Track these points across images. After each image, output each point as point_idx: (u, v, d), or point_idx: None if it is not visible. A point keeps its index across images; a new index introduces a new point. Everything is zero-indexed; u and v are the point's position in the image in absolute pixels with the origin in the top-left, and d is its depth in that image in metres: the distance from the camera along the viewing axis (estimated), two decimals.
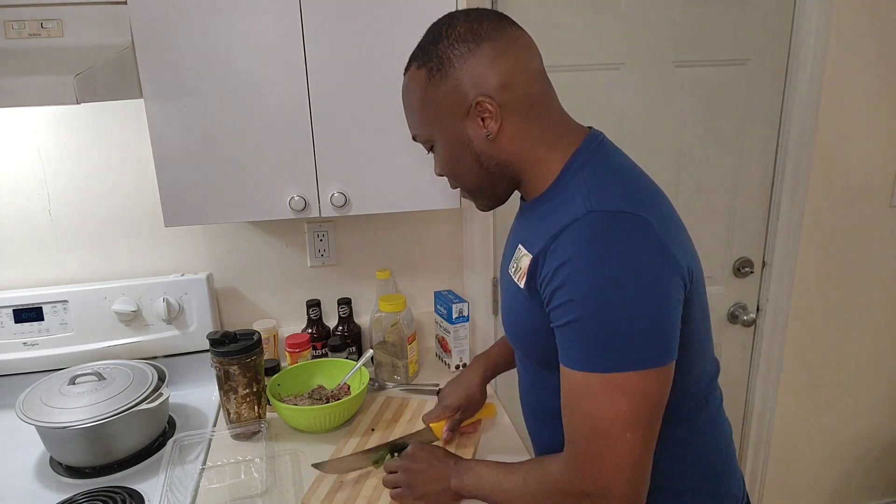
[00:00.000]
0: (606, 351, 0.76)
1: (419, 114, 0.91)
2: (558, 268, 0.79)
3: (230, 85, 1.20)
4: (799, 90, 1.74)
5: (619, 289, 0.76)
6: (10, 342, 1.44)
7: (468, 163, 0.90)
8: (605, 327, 0.76)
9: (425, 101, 0.89)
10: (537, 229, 0.87)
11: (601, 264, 0.76)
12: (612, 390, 0.77)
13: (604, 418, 0.77)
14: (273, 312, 1.67)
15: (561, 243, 0.80)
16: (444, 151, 0.92)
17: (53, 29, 1.15)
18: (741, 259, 1.90)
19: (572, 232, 0.79)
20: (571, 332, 0.79)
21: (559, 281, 0.79)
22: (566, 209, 0.82)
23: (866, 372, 2.09)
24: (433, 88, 0.87)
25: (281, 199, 1.28)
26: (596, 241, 0.78)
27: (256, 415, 1.32)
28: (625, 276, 0.76)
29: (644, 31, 1.64)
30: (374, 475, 1.17)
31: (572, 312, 0.78)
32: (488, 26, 0.85)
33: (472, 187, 0.94)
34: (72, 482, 1.20)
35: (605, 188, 0.82)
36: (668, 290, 0.78)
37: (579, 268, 0.77)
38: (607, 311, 0.76)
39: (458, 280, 1.76)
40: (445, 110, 0.88)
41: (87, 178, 1.49)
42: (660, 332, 0.77)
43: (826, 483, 2.21)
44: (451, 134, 0.89)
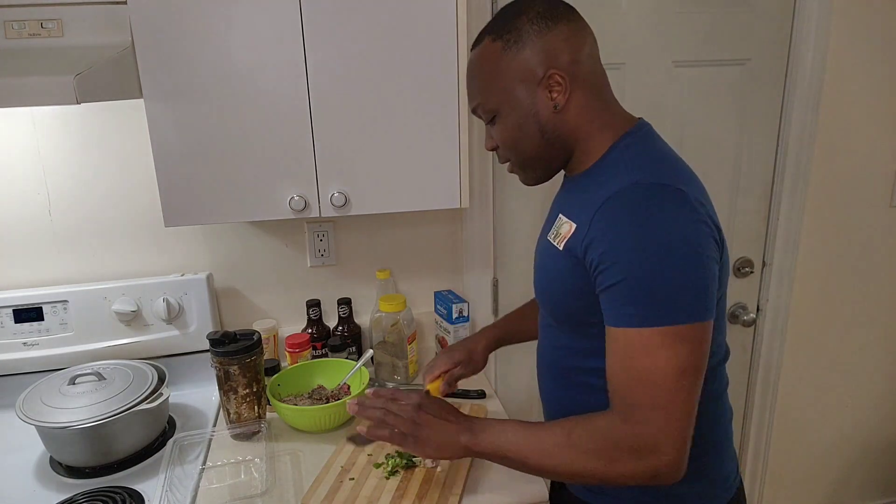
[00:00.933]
0: (657, 306, 0.81)
1: (488, 84, 0.95)
2: (604, 233, 0.84)
3: (230, 85, 1.20)
4: (799, 90, 1.74)
5: (661, 249, 0.81)
6: (10, 342, 1.44)
7: (532, 132, 0.95)
8: (654, 284, 0.81)
9: (498, 71, 0.93)
10: (580, 200, 0.93)
11: (646, 228, 0.82)
12: (668, 342, 0.81)
13: (662, 369, 0.81)
14: (273, 312, 1.67)
15: (606, 210, 0.85)
16: (510, 119, 0.95)
17: (53, 29, 1.15)
18: (741, 259, 1.90)
19: (617, 200, 0.84)
20: (621, 292, 0.83)
21: (606, 245, 0.84)
22: (611, 181, 0.88)
23: (866, 372, 2.09)
24: (508, 59, 0.92)
25: (281, 199, 1.28)
26: (640, 207, 0.83)
27: (256, 415, 1.32)
28: (666, 238, 0.81)
29: (644, 31, 1.64)
30: (374, 475, 1.17)
31: (622, 273, 0.82)
32: (563, 9, 0.93)
33: (530, 156, 0.98)
34: (72, 482, 1.20)
35: (648, 165, 0.89)
36: (706, 250, 0.84)
37: (624, 232, 0.83)
38: (653, 270, 0.81)
39: (458, 280, 1.76)
40: (518, 79, 0.93)
41: (87, 177, 1.49)
42: (703, 286, 0.83)
43: (826, 482, 2.21)
44: (519, 103, 0.94)
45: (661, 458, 0.82)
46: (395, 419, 0.98)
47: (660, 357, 0.81)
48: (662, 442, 0.82)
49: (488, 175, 1.66)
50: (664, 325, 0.81)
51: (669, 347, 0.81)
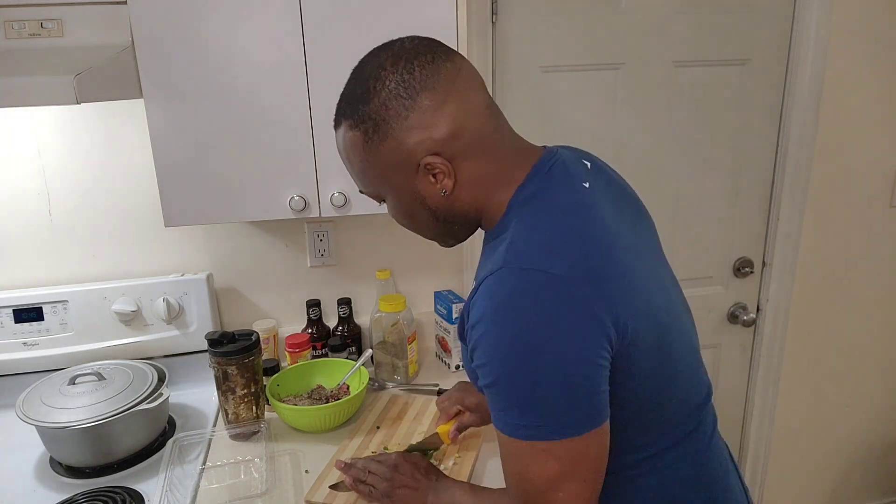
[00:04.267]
0: (524, 418, 0.73)
1: (363, 173, 0.84)
2: (474, 326, 0.75)
3: (230, 85, 1.20)
4: (799, 90, 1.74)
5: (528, 354, 0.71)
6: (10, 342, 1.44)
7: (424, 218, 0.85)
8: (519, 395, 0.73)
9: (367, 161, 0.81)
10: (480, 267, 0.86)
11: (507, 327, 0.72)
12: (537, 456, 0.74)
13: (533, 482, 0.75)
14: (273, 312, 1.67)
15: (478, 299, 0.76)
16: (398, 208, 0.86)
17: (53, 29, 1.15)
18: (741, 259, 1.90)
19: (485, 289, 0.75)
20: (491, 395, 0.76)
21: (474, 341, 0.75)
22: (493, 257, 0.78)
23: (866, 372, 2.09)
24: (373, 150, 0.79)
25: (281, 199, 1.28)
26: (504, 300, 0.73)
27: (254, 415, 1.32)
28: (534, 341, 0.71)
29: (644, 31, 1.64)
30: None
31: (489, 375, 0.74)
32: (420, 73, 0.76)
33: (432, 236, 0.91)
34: (72, 482, 1.20)
35: (527, 236, 0.76)
36: (582, 355, 0.72)
37: (488, 330, 0.73)
38: (516, 379, 0.72)
39: (458, 280, 1.76)
40: (391, 171, 0.80)
41: (88, 177, 1.49)
42: (577, 398, 0.72)
43: (826, 483, 2.20)
44: (401, 192, 0.83)
45: None
46: (373, 479, 1.06)
47: (531, 468, 0.75)
48: None
49: None
50: (536, 441, 0.73)
51: (541, 463, 0.74)
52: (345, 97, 0.82)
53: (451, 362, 1.62)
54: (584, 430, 0.73)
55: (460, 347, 0.92)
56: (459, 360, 1.62)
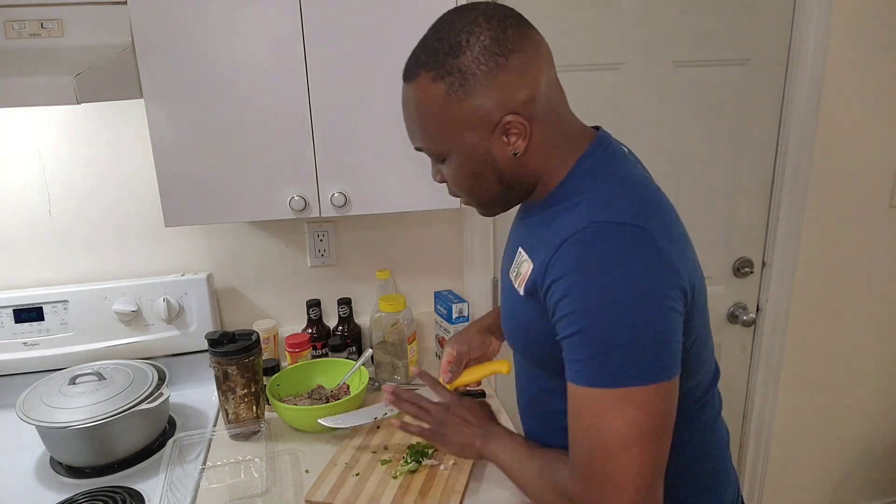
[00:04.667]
0: (608, 365, 0.74)
1: (433, 129, 0.84)
2: (560, 278, 0.77)
3: (230, 84, 1.20)
4: (799, 90, 1.74)
5: (619, 303, 0.74)
6: (10, 342, 1.44)
7: (489, 179, 0.86)
8: (607, 341, 0.74)
9: (443, 117, 0.81)
10: (539, 235, 0.86)
11: (602, 277, 0.74)
12: (616, 406, 0.74)
13: (607, 434, 0.75)
14: (273, 312, 1.67)
15: (563, 254, 0.78)
16: (462, 167, 0.85)
17: (53, 29, 1.15)
18: (741, 259, 1.90)
19: (574, 243, 0.77)
20: (574, 345, 0.77)
21: (562, 292, 0.77)
22: (569, 218, 0.80)
23: (866, 372, 2.09)
24: (454, 104, 0.80)
25: (281, 199, 1.28)
26: (597, 252, 0.76)
27: (255, 415, 1.32)
28: (625, 290, 0.74)
29: (644, 31, 1.64)
30: (378, 472, 1.17)
31: (575, 324, 0.76)
32: (512, 34, 0.79)
33: (486, 200, 0.90)
34: (72, 482, 1.20)
35: (608, 198, 0.80)
36: (668, 303, 0.76)
37: (580, 280, 0.75)
38: (608, 325, 0.74)
39: (458, 280, 1.76)
40: (468, 128, 0.81)
41: (88, 177, 1.49)
42: (661, 346, 0.75)
43: (826, 483, 2.21)
44: (472, 151, 0.83)
45: None
46: (427, 416, 1.06)
47: (607, 419, 0.75)
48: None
49: None
50: (614, 388, 0.74)
51: (619, 411, 0.74)
52: (425, 49, 0.81)
53: None
54: (663, 377, 0.75)
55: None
56: None
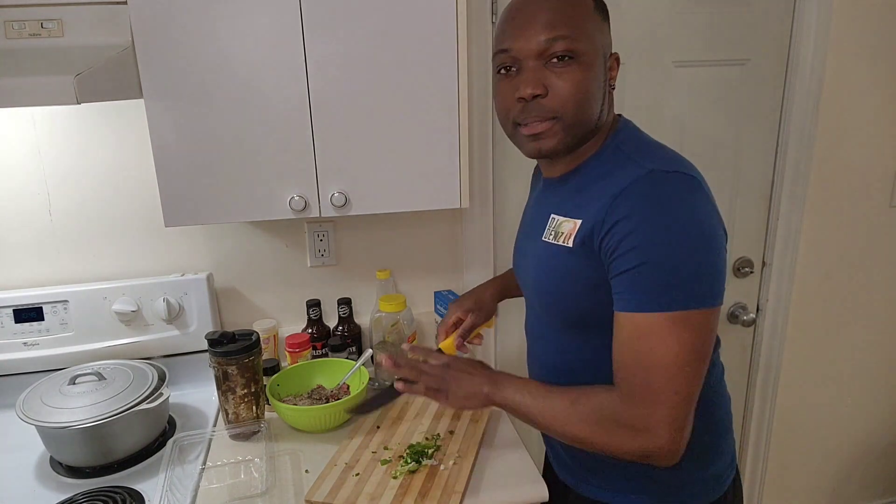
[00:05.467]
0: (671, 291, 0.82)
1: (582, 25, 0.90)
2: (624, 219, 0.85)
3: (230, 84, 1.20)
4: (799, 90, 1.74)
5: (680, 235, 0.83)
6: (10, 342, 1.44)
7: (598, 96, 0.93)
8: (670, 269, 0.82)
9: (590, 22, 0.91)
10: (579, 198, 0.94)
11: (664, 214, 0.83)
12: (676, 327, 0.82)
13: (669, 354, 0.83)
14: (273, 312, 1.67)
15: (625, 198, 0.86)
16: (590, 71, 0.91)
17: (53, 29, 1.15)
18: (741, 259, 1.90)
19: (637, 188, 0.86)
20: (637, 276, 0.84)
21: (625, 231, 0.84)
22: (618, 174, 0.89)
23: (866, 372, 2.09)
24: (598, 21, 0.92)
25: (281, 199, 1.28)
26: (658, 194, 0.85)
27: (255, 415, 1.32)
28: (685, 224, 0.83)
29: (644, 31, 1.64)
30: (377, 472, 1.17)
31: (639, 257, 0.83)
32: None
33: (584, 119, 0.92)
34: (72, 482, 1.20)
35: (655, 155, 0.91)
36: (718, 238, 0.86)
37: (645, 217, 0.84)
38: (672, 254, 0.82)
39: (458, 280, 1.76)
40: (601, 42, 0.93)
41: (88, 177, 1.49)
42: (716, 273, 0.85)
43: (826, 483, 2.21)
44: (600, 62, 0.92)
45: (655, 440, 0.84)
46: (426, 377, 1.06)
47: (666, 341, 0.83)
48: (657, 425, 0.84)
49: (488, 175, 1.66)
50: (675, 311, 0.82)
51: (677, 333, 0.82)
52: None
53: None
54: (715, 302, 0.85)
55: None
56: None
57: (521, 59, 0.91)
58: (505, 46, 0.92)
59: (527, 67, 0.90)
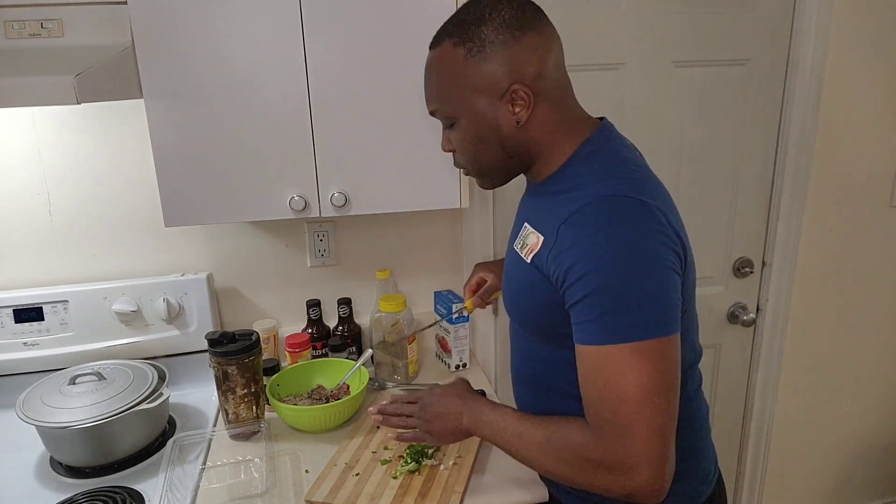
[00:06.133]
0: (624, 321, 0.80)
1: (448, 91, 0.92)
2: (571, 247, 0.83)
3: (230, 85, 1.20)
4: (799, 90, 1.74)
5: (629, 263, 0.80)
6: (10, 342, 1.44)
7: (492, 144, 0.93)
8: (618, 298, 0.80)
9: (458, 79, 0.90)
10: (546, 210, 0.92)
11: (611, 242, 0.81)
12: (635, 359, 0.80)
13: (630, 386, 0.80)
14: (273, 312, 1.67)
15: (573, 224, 0.84)
16: (469, 131, 0.93)
17: (53, 29, 1.15)
18: (741, 259, 1.90)
19: (582, 215, 0.84)
20: (588, 306, 0.82)
21: (573, 259, 0.83)
22: (576, 194, 0.87)
23: (866, 372, 2.09)
24: (470, 68, 0.89)
25: (281, 199, 1.28)
26: (605, 221, 0.82)
27: (254, 415, 1.32)
28: (633, 252, 0.81)
29: (644, 31, 1.64)
30: (379, 471, 1.17)
31: (588, 286, 0.81)
32: (531, 16, 0.89)
33: (488, 168, 0.97)
34: (72, 482, 1.20)
35: (611, 176, 0.88)
36: (668, 264, 0.83)
37: (592, 244, 0.82)
38: (617, 284, 0.80)
39: (458, 280, 1.76)
40: (480, 91, 0.90)
41: (88, 177, 1.49)
42: (668, 300, 0.82)
43: (826, 483, 2.21)
44: (480, 115, 0.91)
45: (635, 478, 0.81)
46: (412, 422, 1.10)
47: (624, 374, 0.80)
48: (635, 462, 0.80)
49: None
50: (629, 342, 0.80)
51: (635, 364, 0.79)
52: (452, 21, 0.92)
53: (451, 362, 1.62)
54: (671, 330, 0.82)
55: None
56: (459, 360, 1.62)
57: None
58: None
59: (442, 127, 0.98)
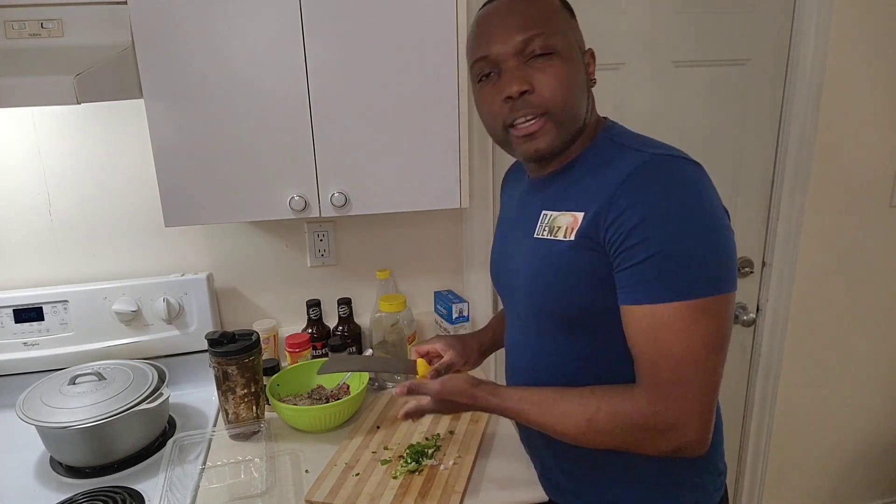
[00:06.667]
0: (689, 279, 0.80)
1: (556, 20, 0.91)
2: (630, 210, 0.82)
3: (230, 85, 1.20)
4: (799, 90, 1.74)
5: (691, 222, 0.81)
6: (10, 342, 1.44)
7: (581, 90, 0.92)
8: (685, 257, 0.80)
9: (562, 14, 0.92)
10: (574, 191, 0.92)
11: (672, 200, 0.81)
12: (699, 315, 0.80)
13: (694, 344, 0.81)
14: (273, 312, 1.67)
15: (629, 187, 0.84)
16: (569, 66, 0.91)
17: (53, 29, 1.15)
18: (741, 259, 1.90)
19: (642, 173, 0.84)
20: (652, 266, 0.81)
21: (634, 221, 0.82)
22: (617, 162, 0.88)
23: (866, 372, 2.09)
24: (566, 15, 0.93)
25: (281, 199, 1.28)
26: (665, 180, 0.83)
27: (255, 415, 1.32)
28: (694, 210, 0.82)
29: (644, 31, 1.64)
30: (377, 472, 1.17)
31: (653, 247, 0.81)
32: None
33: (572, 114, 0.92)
34: (72, 482, 1.20)
35: (650, 145, 0.89)
36: (726, 223, 0.85)
37: (653, 205, 0.81)
38: (686, 242, 0.80)
39: (458, 280, 1.76)
40: (575, 37, 0.93)
41: (88, 177, 1.49)
42: (728, 259, 0.83)
43: (826, 483, 2.20)
44: (578, 57, 0.92)
45: (686, 434, 0.83)
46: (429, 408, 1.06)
47: (690, 331, 0.80)
48: (686, 419, 0.82)
49: (488, 175, 1.66)
50: (695, 299, 0.80)
51: (699, 321, 0.80)
52: None
53: None
54: (732, 287, 0.83)
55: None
56: None
57: (501, 61, 0.90)
58: (481, 54, 0.92)
59: (508, 68, 0.90)
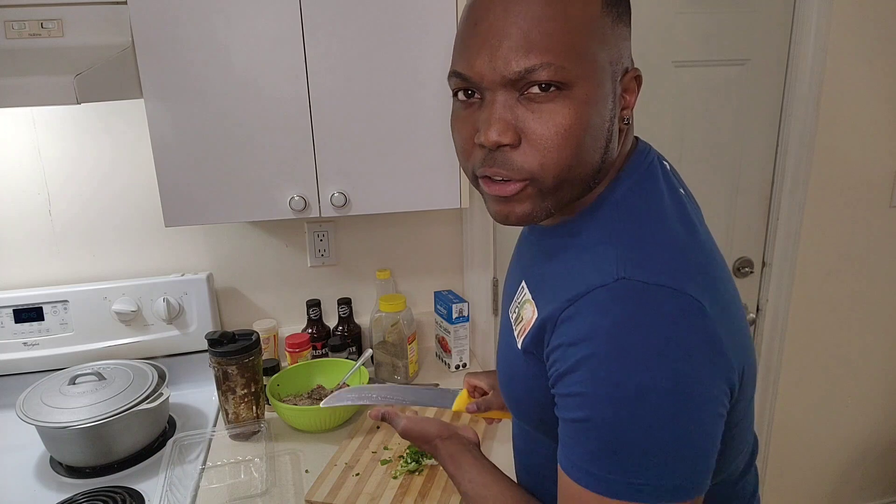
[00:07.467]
0: (615, 471, 0.57)
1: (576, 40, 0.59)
2: (571, 346, 0.60)
3: (230, 85, 1.20)
4: (799, 90, 1.74)
5: (647, 394, 0.55)
6: (10, 342, 1.44)
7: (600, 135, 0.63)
8: (619, 441, 0.57)
9: (591, 27, 0.60)
10: (549, 272, 0.68)
11: (627, 358, 0.56)
12: None
13: None
14: (273, 312, 1.67)
15: (579, 313, 0.60)
16: (586, 105, 0.60)
17: (53, 29, 1.15)
18: (741, 259, 1.90)
19: (596, 301, 0.59)
20: (576, 432, 0.60)
21: (571, 363, 0.59)
22: (591, 262, 0.62)
23: (866, 372, 2.09)
24: (608, 23, 0.61)
25: (281, 199, 1.28)
26: (624, 322, 0.57)
27: (255, 415, 1.32)
28: (656, 380, 0.55)
29: (644, 31, 1.64)
30: (377, 472, 1.17)
31: (582, 409, 0.59)
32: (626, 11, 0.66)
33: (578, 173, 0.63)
34: (72, 482, 1.20)
35: (645, 242, 0.62)
36: (711, 403, 0.58)
37: (599, 354, 0.57)
38: (624, 422, 0.56)
39: (458, 280, 1.76)
40: (609, 59, 0.62)
41: (88, 177, 1.49)
42: (690, 458, 0.58)
43: (826, 483, 2.21)
44: (602, 86, 0.61)
45: None
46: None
47: None
48: None
49: None
50: (611, 498, 0.57)
51: None
52: None
53: (451, 362, 1.62)
54: (683, 497, 0.58)
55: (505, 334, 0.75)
56: (459, 360, 1.62)
57: (485, 88, 0.62)
58: (458, 69, 0.64)
59: (492, 101, 0.61)
